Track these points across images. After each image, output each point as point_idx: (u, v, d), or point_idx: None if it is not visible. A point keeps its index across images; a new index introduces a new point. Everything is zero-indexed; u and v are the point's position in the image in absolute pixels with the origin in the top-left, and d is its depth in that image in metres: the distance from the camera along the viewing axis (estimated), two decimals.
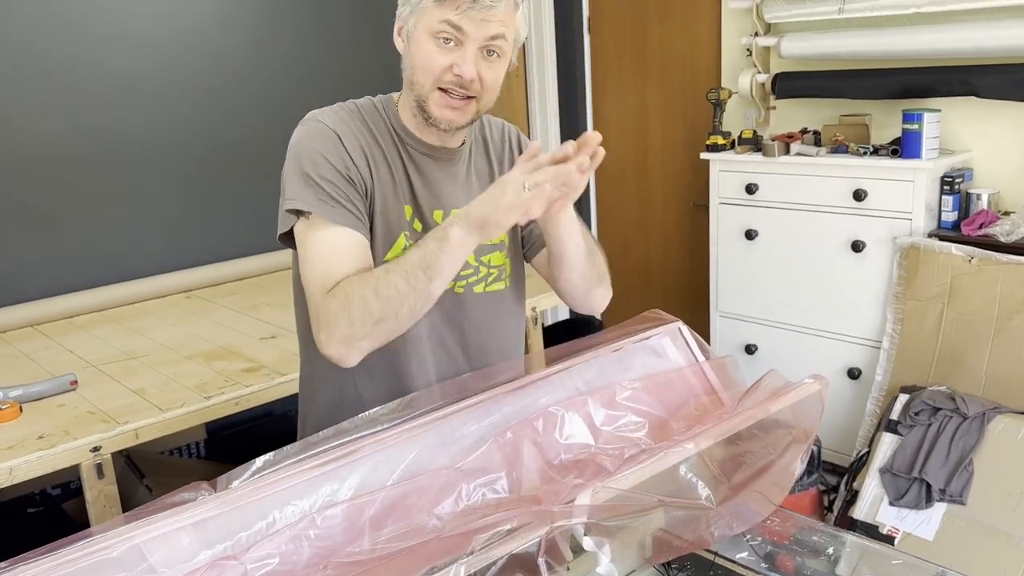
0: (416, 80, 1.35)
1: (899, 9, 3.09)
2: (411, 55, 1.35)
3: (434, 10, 1.30)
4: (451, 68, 1.32)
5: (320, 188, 1.32)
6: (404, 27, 1.36)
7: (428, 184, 1.44)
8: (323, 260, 1.31)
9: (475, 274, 1.50)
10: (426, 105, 1.36)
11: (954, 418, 2.71)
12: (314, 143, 1.36)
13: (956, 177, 3.03)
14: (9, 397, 2.15)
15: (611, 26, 4.48)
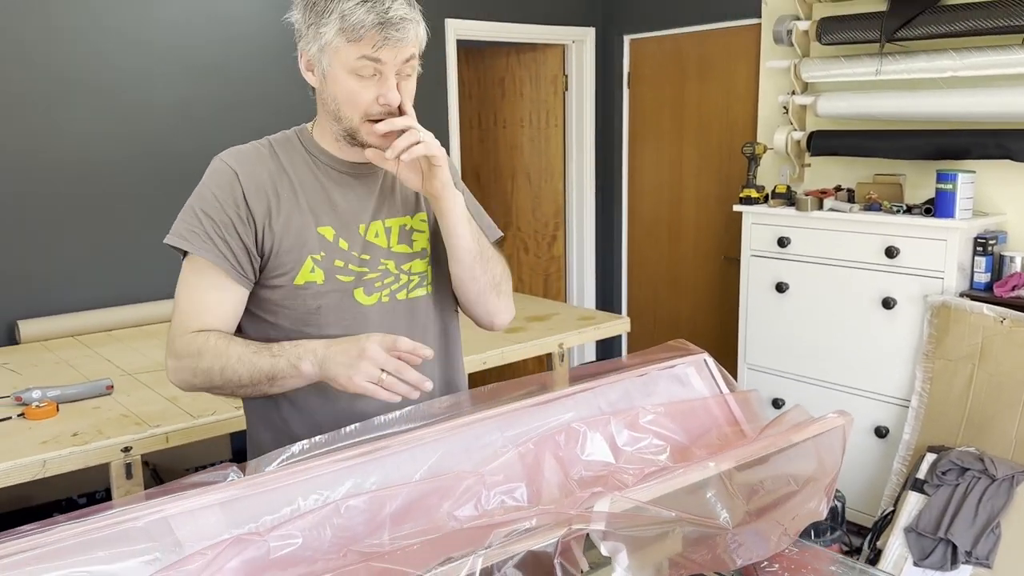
0: (343, 115, 1.39)
1: (935, 72, 3.14)
2: (332, 92, 1.39)
3: (347, 48, 1.33)
4: (377, 99, 1.37)
5: (200, 224, 1.40)
6: (316, 65, 1.39)
7: (350, 201, 1.48)
8: (191, 302, 1.42)
9: (396, 281, 1.52)
10: (357, 135, 1.41)
11: (982, 479, 2.68)
12: (209, 181, 1.45)
13: (990, 239, 3.03)
14: (47, 397, 2.21)
15: (650, 81, 4.58)
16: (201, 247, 1.39)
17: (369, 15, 1.31)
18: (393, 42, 1.33)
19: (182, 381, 1.41)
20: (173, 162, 3.39)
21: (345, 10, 1.31)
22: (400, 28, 1.34)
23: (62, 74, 3.12)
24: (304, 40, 1.40)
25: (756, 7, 3.93)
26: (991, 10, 2.97)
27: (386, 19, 1.32)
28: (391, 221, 1.51)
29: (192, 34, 3.40)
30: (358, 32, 1.31)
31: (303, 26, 1.39)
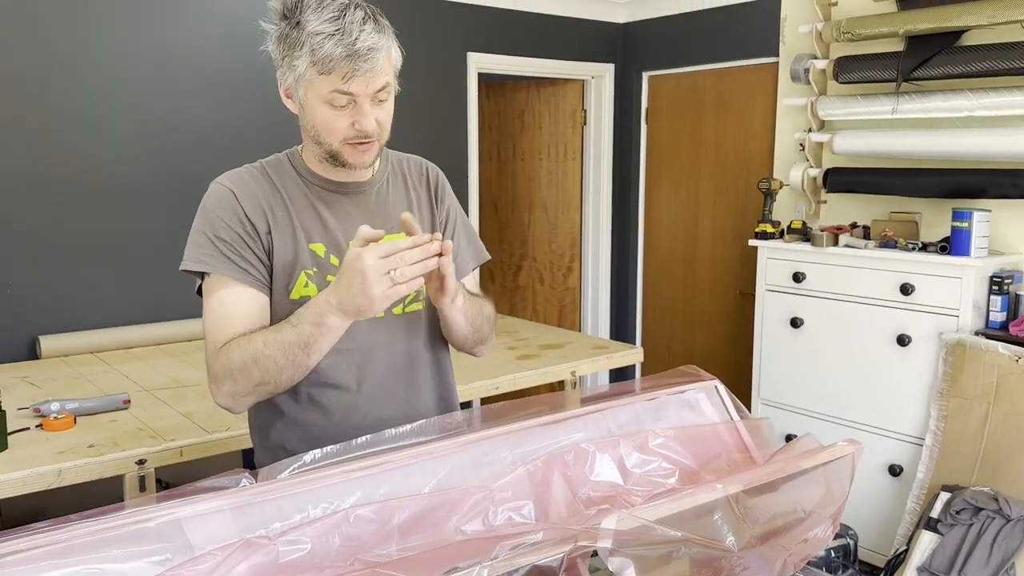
0: (323, 140, 1.43)
1: (951, 112, 3.17)
2: (310, 119, 1.42)
3: (320, 81, 1.36)
4: (352, 126, 1.40)
5: (215, 247, 1.42)
6: (293, 94, 1.43)
7: (341, 218, 1.51)
8: (216, 319, 1.42)
9: None
10: (340, 156, 1.45)
11: (996, 519, 2.65)
12: (210, 204, 1.48)
13: (1005, 278, 3.03)
14: (66, 409, 2.25)
15: (668, 117, 4.63)
16: (220, 266, 1.42)
17: (337, 48, 1.33)
18: (363, 73, 1.35)
19: (230, 398, 1.41)
20: (196, 183, 3.43)
21: (314, 44, 1.34)
22: (369, 59, 1.35)
23: (87, 96, 3.20)
24: (280, 70, 1.43)
25: (774, 46, 3.98)
26: (1007, 51, 3.00)
27: (354, 51, 1.34)
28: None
29: (216, 56, 3.48)
30: (328, 65, 1.34)
31: (278, 57, 1.42)
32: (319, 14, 1.35)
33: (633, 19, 4.72)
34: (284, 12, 1.39)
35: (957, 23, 3.11)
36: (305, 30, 1.35)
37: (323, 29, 1.33)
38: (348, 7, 1.36)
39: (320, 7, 1.35)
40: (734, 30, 4.19)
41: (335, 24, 1.34)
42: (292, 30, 1.37)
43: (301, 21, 1.36)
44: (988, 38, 3.13)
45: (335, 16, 1.34)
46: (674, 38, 4.51)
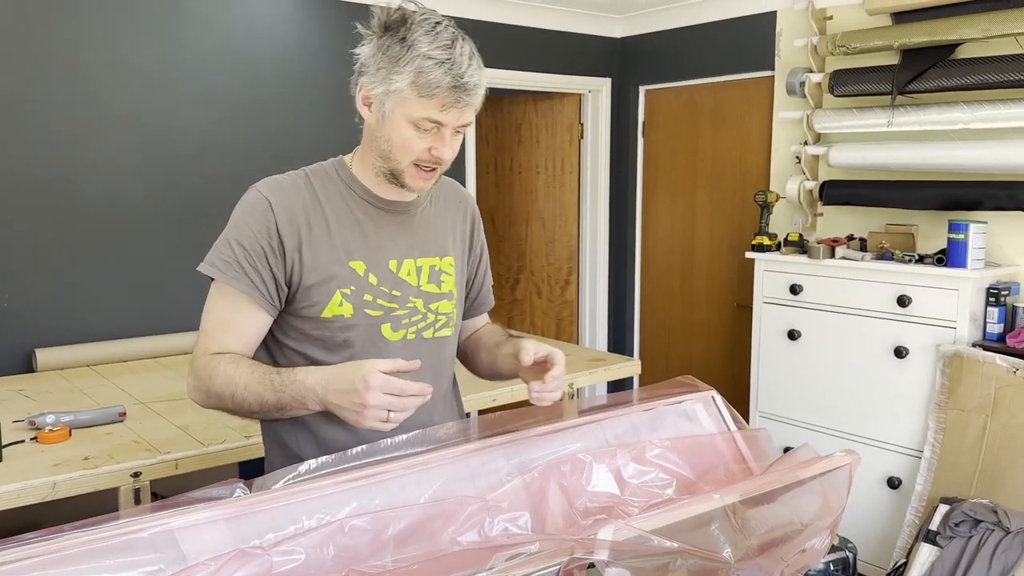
0: (393, 157, 1.42)
1: (947, 124, 3.18)
2: (387, 133, 1.40)
3: (416, 103, 1.35)
4: (429, 150, 1.40)
5: (233, 253, 1.42)
6: (375, 103, 1.40)
7: (383, 236, 1.50)
8: (213, 323, 1.44)
9: (423, 320, 1.54)
10: (401, 177, 1.43)
11: (996, 532, 2.64)
12: (242, 210, 1.47)
13: (1002, 290, 3.03)
14: (61, 422, 2.24)
15: (665, 130, 4.65)
16: (231, 276, 1.42)
17: (445, 77, 1.33)
18: (461, 106, 1.36)
19: (200, 400, 1.44)
20: (194, 197, 3.46)
21: (423, 67, 1.32)
22: (472, 94, 1.36)
23: (84, 107, 3.20)
24: (368, 76, 1.40)
25: (770, 60, 4.00)
26: (1001, 64, 3.01)
27: (460, 84, 1.34)
28: (423, 260, 1.53)
29: (213, 68, 3.49)
30: (431, 91, 1.33)
31: (372, 64, 1.39)
32: (431, 38, 1.34)
33: (630, 33, 4.75)
34: (388, 24, 1.38)
35: (952, 36, 3.13)
36: (413, 50, 1.33)
37: (435, 55, 1.33)
38: (458, 38, 1.37)
39: (433, 32, 1.35)
40: (730, 44, 4.21)
41: (447, 52, 1.33)
42: (396, 45, 1.35)
43: (409, 39, 1.34)
44: (983, 51, 3.14)
45: (447, 44, 1.34)
46: (670, 52, 4.54)
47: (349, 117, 4.32)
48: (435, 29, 1.35)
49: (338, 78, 3.83)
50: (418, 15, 1.37)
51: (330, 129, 3.82)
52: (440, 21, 1.37)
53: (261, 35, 3.59)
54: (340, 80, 3.94)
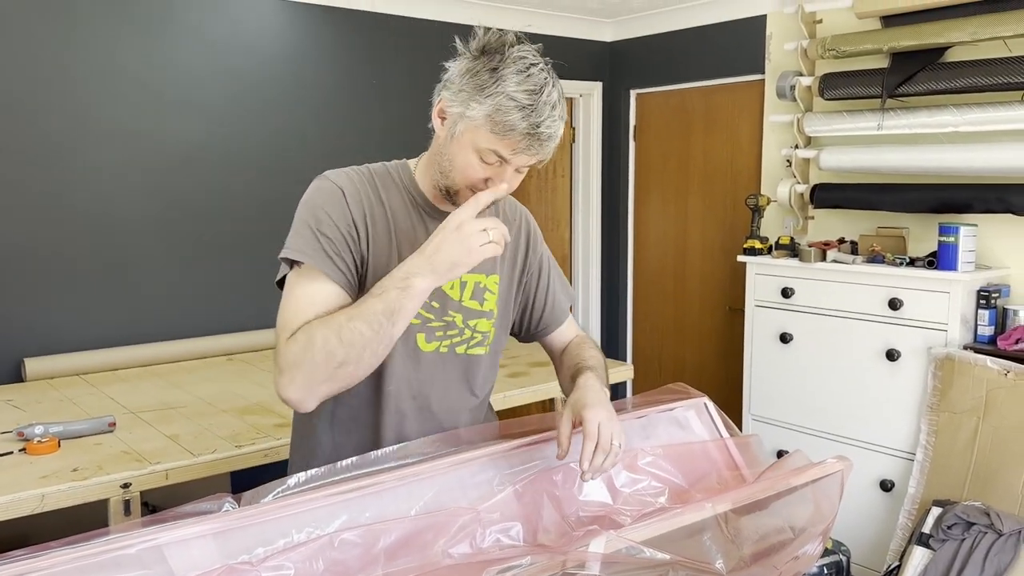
0: (451, 176, 1.40)
1: (936, 128, 3.19)
2: (451, 153, 1.39)
3: (487, 136, 1.33)
4: (486, 181, 1.38)
5: (317, 241, 1.39)
6: (448, 119, 1.39)
7: None
8: (297, 309, 1.36)
9: (460, 335, 1.53)
10: (455, 197, 1.42)
11: (988, 534, 2.64)
12: (319, 199, 1.44)
13: (993, 292, 3.04)
14: (50, 432, 2.22)
15: (656, 134, 4.65)
16: (319, 260, 1.38)
17: (523, 122, 1.31)
18: (531, 153, 1.34)
19: (304, 388, 1.31)
20: (183, 205, 3.45)
21: (503, 105, 1.31)
22: (544, 145, 1.34)
23: (73, 116, 3.18)
24: (450, 93, 1.38)
25: (760, 63, 4.00)
26: (991, 67, 3.02)
27: (536, 132, 1.32)
28: (467, 276, 1.51)
29: (204, 77, 3.48)
30: (504, 131, 1.32)
31: (457, 83, 1.37)
32: (520, 79, 1.32)
33: (620, 38, 4.75)
34: (485, 48, 1.37)
35: (940, 40, 3.14)
36: (500, 85, 1.32)
37: (518, 97, 1.31)
38: (547, 85, 1.34)
39: (525, 72, 1.33)
40: (720, 48, 4.22)
41: (531, 98, 1.31)
42: (485, 73, 1.34)
43: (500, 72, 1.33)
44: (971, 54, 3.15)
45: (533, 90, 1.32)
46: (661, 56, 4.54)
47: (338, 124, 4.31)
48: (528, 70, 1.33)
49: (326, 86, 3.84)
50: (516, 50, 1.35)
51: (319, 137, 3.81)
52: (536, 63, 1.35)
53: (250, 44, 3.58)
54: (328, 88, 3.94)
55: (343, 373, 1.31)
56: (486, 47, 1.36)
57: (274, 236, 3.75)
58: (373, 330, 1.30)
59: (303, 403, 1.33)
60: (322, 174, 1.50)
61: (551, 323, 1.70)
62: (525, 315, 1.68)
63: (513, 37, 1.37)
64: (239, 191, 3.59)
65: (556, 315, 1.70)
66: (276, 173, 3.69)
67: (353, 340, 1.29)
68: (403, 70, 4.06)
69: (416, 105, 4.14)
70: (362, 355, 1.30)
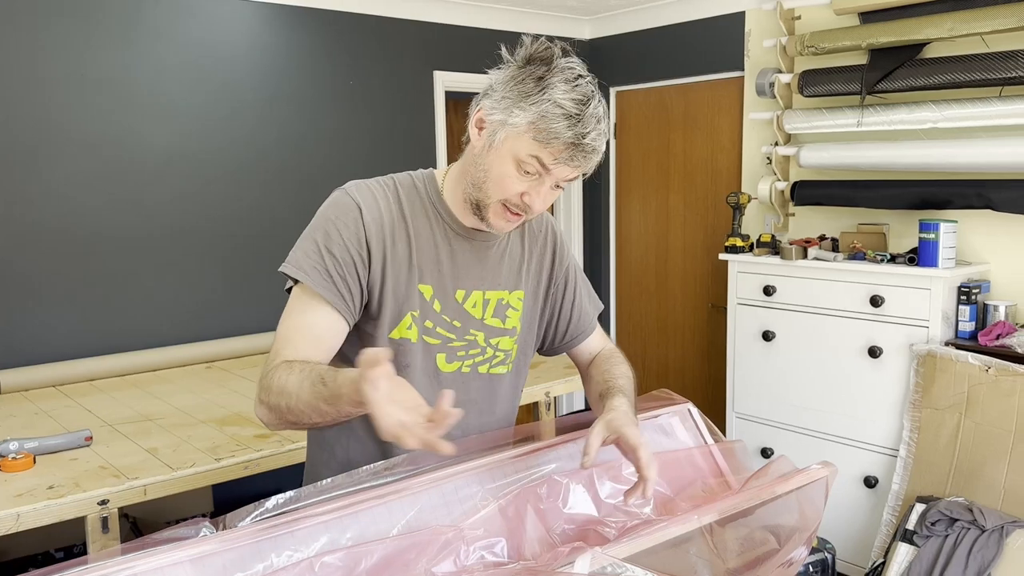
0: (484, 188, 1.35)
1: (916, 124, 3.19)
2: (488, 163, 1.34)
3: (529, 144, 1.29)
4: (522, 195, 1.34)
5: (321, 259, 1.34)
6: (487, 128, 1.34)
7: (457, 264, 1.45)
8: (293, 329, 1.35)
9: (482, 354, 1.50)
10: (485, 211, 1.37)
11: (972, 530, 2.65)
12: (333, 213, 1.38)
13: (973, 288, 3.05)
14: (24, 448, 2.18)
15: (636, 132, 4.64)
16: (319, 282, 1.34)
17: (568, 131, 1.27)
18: (573, 164, 1.31)
19: (268, 420, 1.33)
20: (157, 213, 3.40)
21: (549, 112, 1.27)
22: (587, 157, 1.31)
23: (46, 126, 3.13)
24: (491, 101, 1.34)
25: (739, 60, 4.00)
26: (969, 63, 3.03)
27: (580, 143, 1.29)
28: (491, 293, 1.48)
29: (175, 82, 3.42)
30: (548, 138, 1.28)
31: (500, 91, 1.33)
32: (568, 87, 1.29)
33: (599, 35, 4.73)
34: (532, 57, 1.32)
35: (918, 36, 3.14)
36: (546, 93, 1.28)
37: (565, 105, 1.27)
38: (593, 98, 1.31)
39: (573, 82, 1.30)
40: (700, 45, 4.21)
41: (578, 107, 1.28)
42: (531, 81, 1.30)
43: (546, 80, 1.29)
44: (949, 50, 3.16)
45: (581, 100, 1.29)
46: (640, 53, 4.53)
47: (313, 128, 4.26)
48: (576, 81, 1.30)
49: (301, 89, 3.80)
50: (564, 61, 1.32)
51: (296, 141, 3.76)
52: (583, 75, 1.32)
53: (223, 46, 3.53)
54: (303, 91, 3.90)
55: (302, 425, 1.31)
56: (532, 56, 1.32)
57: (251, 242, 3.74)
58: (320, 417, 1.26)
59: (270, 428, 1.35)
60: (344, 186, 1.44)
61: (578, 335, 1.66)
62: (551, 327, 1.63)
63: (560, 49, 1.34)
64: (214, 197, 3.55)
65: (583, 326, 1.66)
66: (252, 179, 3.65)
67: (299, 415, 1.27)
68: (381, 71, 4.03)
69: (394, 106, 4.13)
70: (307, 423, 1.29)
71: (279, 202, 3.70)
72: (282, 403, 1.27)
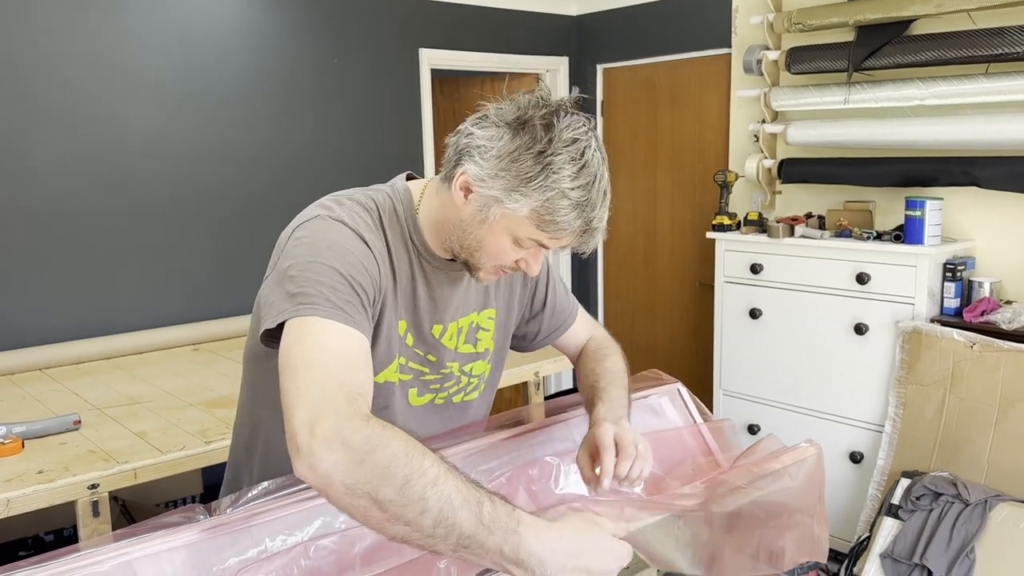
0: (477, 256, 1.25)
1: (903, 101, 3.19)
2: (479, 234, 1.22)
3: (530, 228, 1.18)
4: (516, 262, 1.26)
5: (352, 290, 1.15)
6: (477, 199, 1.19)
7: (434, 297, 1.34)
8: (340, 354, 1.07)
9: (456, 384, 1.43)
10: (476, 272, 1.28)
11: (956, 504, 2.69)
12: (342, 240, 1.19)
13: (958, 265, 3.07)
14: (12, 433, 2.17)
15: (623, 110, 4.62)
16: (357, 317, 1.13)
17: (577, 220, 1.16)
18: (579, 244, 1.21)
19: (341, 488, 0.96)
20: (141, 192, 3.37)
21: (556, 205, 1.14)
22: (595, 235, 1.21)
23: (30, 106, 3.08)
24: (478, 168, 1.17)
25: (726, 37, 3.98)
26: (956, 40, 3.03)
27: (588, 228, 1.18)
28: (463, 320, 1.39)
29: (162, 61, 3.38)
30: (554, 230, 1.17)
31: (491, 164, 1.17)
32: (573, 169, 1.14)
33: (585, 11, 4.70)
34: (524, 121, 1.16)
35: (905, 13, 3.14)
36: (550, 179, 1.13)
37: (573, 195, 1.14)
38: (601, 167, 1.18)
39: (579, 161, 1.15)
40: (686, 21, 4.19)
41: (585, 192, 1.15)
42: (530, 160, 1.14)
43: (548, 158, 1.14)
44: (936, 27, 3.16)
45: (588, 183, 1.15)
46: (627, 30, 4.50)
47: (300, 110, 4.21)
48: (582, 157, 1.15)
49: (287, 67, 3.75)
50: (567, 129, 1.15)
51: (279, 120, 3.73)
52: (588, 140, 1.17)
53: (207, 24, 3.49)
54: (289, 69, 3.85)
55: (373, 521, 0.98)
56: (526, 120, 1.16)
57: (236, 222, 3.70)
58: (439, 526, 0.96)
59: (322, 491, 1.00)
60: (329, 210, 1.23)
61: (554, 329, 1.59)
62: (527, 327, 1.56)
63: (558, 103, 1.19)
64: (198, 177, 3.52)
65: (558, 320, 1.59)
66: (238, 159, 3.62)
67: (428, 503, 0.95)
68: (366, 49, 3.99)
69: (379, 84, 4.09)
70: (404, 533, 0.97)
71: (265, 182, 3.67)
72: (425, 521, 0.95)
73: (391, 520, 0.96)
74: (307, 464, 0.98)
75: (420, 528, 0.96)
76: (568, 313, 1.61)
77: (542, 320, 1.57)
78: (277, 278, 1.18)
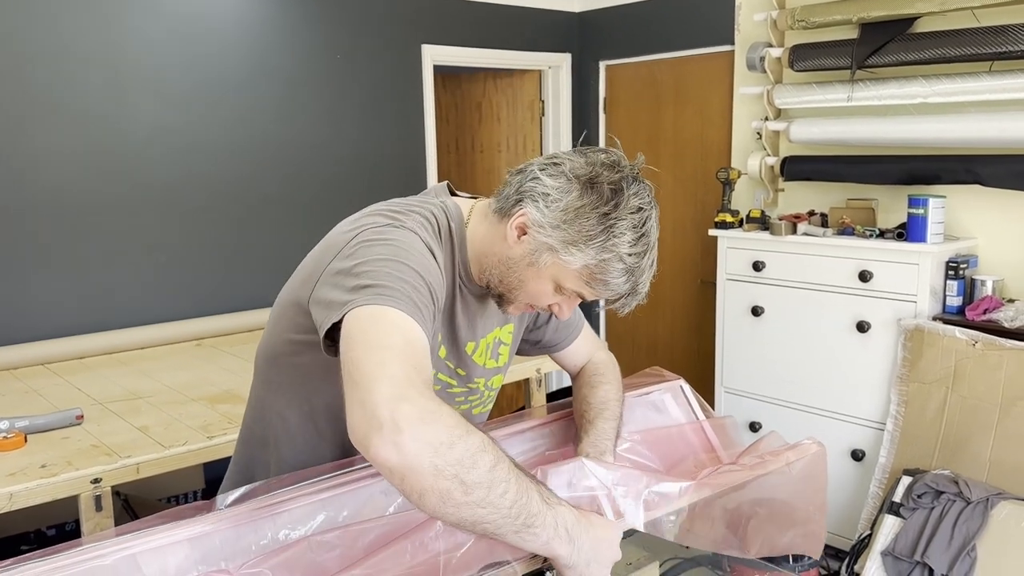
0: (515, 293, 1.27)
1: (906, 99, 3.19)
2: (524, 275, 1.24)
3: (578, 281, 1.21)
4: (550, 306, 1.29)
5: (431, 294, 1.14)
6: (530, 242, 1.21)
7: (469, 317, 1.37)
8: (416, 343, 1.05)
9: (479, 398, 1.46)
10: (506, 307, 1.31)
11: (957, 502, 2.69)
12: (420, 249, 1.18)
13: (961, 263, 3.07)
14: (15, 427, 2.17)
15: (626, 107, 4.62)
16: (427, 328, 1.11)
17: (625, 284, 1.21)
18: (619, 302, 1.25)
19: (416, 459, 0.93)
20: (146, 187, 3.37)
21: (610, 267, 1.18)
22: (636, 299, 1.26)
23: (32, 100, 3.09)
24: (539, 214, 1.19)
25: (729, 34, 3.98)
26: (959, 38, 3.03)
27: (633, 290, 1.23)
28: (489, 336, 1.42)
29: (164, 55, 3.38)
30: (602, 289, 1.21)
31: (554, 214, 1.19)
32: (633, 236, 1.19)
33: (588, 8, 4.69)
34: (594, 181, 1.20)
35: (909, 10, 3.14)
36: (609, 242, 1.18)
37: (628, 260, 1.19)
38: (653, 244, 1.24)
39: (641, 228, 1.20)
40: (690, 18, 4.18)
41: (639, 260, 1.21)
42: (593, 218, 1.18)
43: (612, 221, 1.18)
44: (940, 25, 3.15)
45: (643, 251, 1.21)
46: (630, 27, 4.49)
47: (303, 105, 4.21)
48: (643, 226, 1.21)
49: (289, 63, 3.75)
50: (634, 196, 1.21)
51: (283, 115, 3.73)
52: (651, 215, 1.22)
53: (210, 19, 3.49)
54: (291, 65, 3.85)
55: (449, 504, 0.96)
56: (596, 180, 1.20)
57: (240, 217, 3.70)
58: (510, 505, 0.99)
59: (407, 472, 0.94)
60: (396, 222, 1.20)
61: (555, 344, 1.59)
62: (530, 334, 1.57)
63: (629, 169, 1.24)
64: (202, 172, 3.52)
65: (560, 336, 1.59)
66: (241, 154, 3.62)
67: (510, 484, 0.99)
68: (369, 45, 3.98)
69: (382, 80, 4.09)
70: (474, 514, 0.97)
71: (268, 177, 3.68)
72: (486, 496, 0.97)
73: (469, 503, 0.96)
74: (392, 442, 0.93)
75: (498, 509, 0.98)
76: (572, 329, 1.61)
77: (545, 332, 1.57)
78: (337, 278, 1.13)
